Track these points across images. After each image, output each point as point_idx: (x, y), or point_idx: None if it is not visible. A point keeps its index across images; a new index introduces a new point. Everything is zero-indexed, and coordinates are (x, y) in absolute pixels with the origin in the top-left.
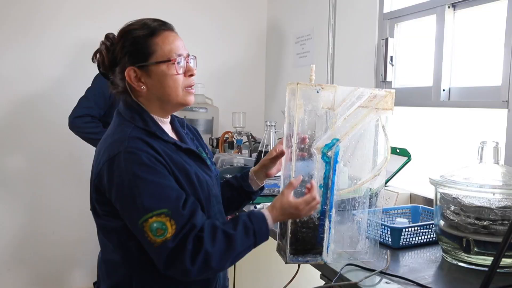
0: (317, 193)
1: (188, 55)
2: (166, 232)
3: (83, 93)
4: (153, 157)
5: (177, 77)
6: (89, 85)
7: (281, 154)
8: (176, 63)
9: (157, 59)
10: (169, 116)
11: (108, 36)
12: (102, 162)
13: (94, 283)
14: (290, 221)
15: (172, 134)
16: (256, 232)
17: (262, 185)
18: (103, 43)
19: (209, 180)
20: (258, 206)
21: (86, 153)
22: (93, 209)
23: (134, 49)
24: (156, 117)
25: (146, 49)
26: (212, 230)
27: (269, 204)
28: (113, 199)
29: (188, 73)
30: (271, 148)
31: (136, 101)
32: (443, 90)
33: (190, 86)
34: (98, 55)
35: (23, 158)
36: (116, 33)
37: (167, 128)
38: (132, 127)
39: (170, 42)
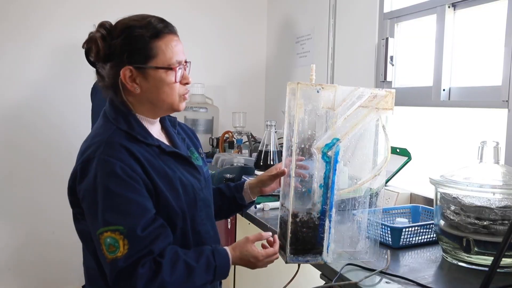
0: (277, 249)
1: (186, 62)
2: (117, 251)
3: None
4: (128, 166)
5: (174, 85)
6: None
7: (282, 173)
8: (175, 71)
9: (157, 64)
10: (158, 118)
11: (103, 25)
12: (77, 164)
13: (83, 286)
14: (290, 220)
15: (160, 135)
16: (217, 270)
17: (254, 199)
18: (97, 31)
19: (195, 184)
20: (258, 206)
21: None
22: (73, 216)
23: (135, 48)
24: (143, 118)
25: (148, 51)
26: (173, 257)
27: (270, 203)
28: (80, 201)
29: (184, 81)
30: (271, 149)
31: (123, 101)
32: (443, 90)
33: (185, 94)
34: (90, 43)
35: (23, 158)
36: (112, 23)
37: (156, 128)
38: (114, 129)
39: (172, 48)
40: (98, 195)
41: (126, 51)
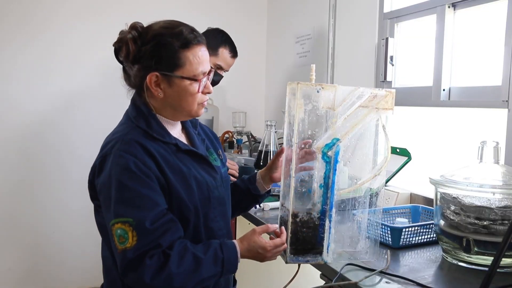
0: (285, 239)
1: (210, 71)
2: (126, 242)
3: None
4: (142, 162)
5: (196, 95)
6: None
7: (281, 151)
8: (200, 82)
9: (184, 73)
10: (179, 120)
11: (135, 27)
12: (96, 159)
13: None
14: (290, 220)
15: (181, 135)
16: (225, 262)
17: (269, 189)
18: (129, 32)
19: (210, 182)
20: (257, 206)
21: (87, 153)
22: (94, 208)
23: (163, 56)
24: (164, 119)
25: (176, 60)
26: (182, 250)
27: (270, 203)
28: (97, 194)
29: (206, 90)
30: (271, 149)
31: (146, 102)
32: (443, 90)
33: (204, 102)
34: (121, 43)
35: (24, 158)
36: (144, 26)
37: (176, 129)
38: (132, 127)
39: (199, 59)
40: (112, 189)
41: (155, 57)
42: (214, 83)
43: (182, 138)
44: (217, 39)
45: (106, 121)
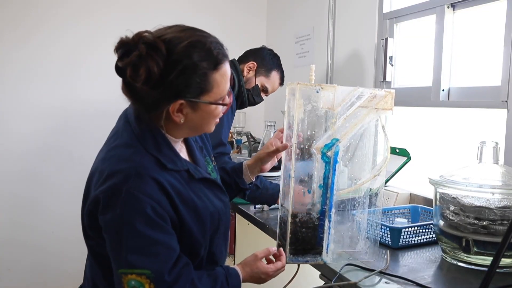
0: (285, 261)
1: (230, 96)
2: None
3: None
4: (158, 204)
5: (219, 116)
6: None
7: (284, 147)
8: (228, 105)
9: (211, 98)
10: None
11: (152, 44)
12: (100, 190)
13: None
14: (289, 220)
15: (182, 147)
16: None
17: (253, 180)
18: (145, 50)
19: (221, 209)
20: (257, 206)
21: (87, 153)
22: (84, 232)
23: (193, 82)
24: (172, 138)
25: (204, 85)
26: None
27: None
28: (102, 229)
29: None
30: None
31: (151, 120)
32: (443, 90)
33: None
34: (138, 64)
35: (23, 158)
36: (159, 41)
37: (178, 144)
38: (143, 153)
39: (226, 78)
40: (124, 234)
41: (182, 84)
42: (254, 103)
43: (183, 151)
44: (273, 62)
45: (104, 122)
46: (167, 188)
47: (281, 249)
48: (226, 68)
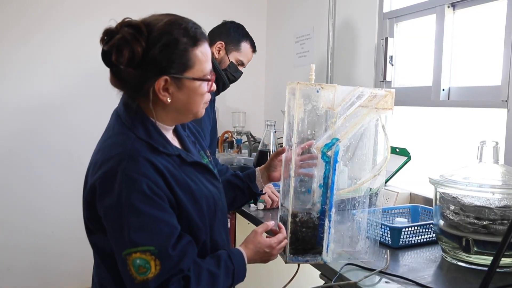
0: (285, 233)
1: (212, 73)
2: (148, 272)
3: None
4: (154, 183)
5: (205, 95)
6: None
7: (282, 151)
8: (212, 81)
9: (194, 74)
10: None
11: (133, 24)
12: (96, 177)
13: None
14: (290, 220)
15: (173, 139)
16: (235, 272)
17: (264, 187)
18: (128, 32)
19: (216, 194)
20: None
21: (86, 153)
22: (86, 227)
23: (175, 58)
24: (161, 125)
25: (186, 61)
26: (196, 269)
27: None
28: (102, 218)
29: (212, 89)
30: (271, 149)
31: (142, 107)
32: (443, 89)
33: (208, 100)
34: (121, 46)
35: (23, 158)
36: (140, 23)
37: (170, 134)
38: (133, 139)
39: (207, 56)
40: (124, 214)
41: (165, 59)
42: (234, 79)
43: (175, 142)
44: (239, 33)
45: (105, 122)
46: (161, 169)
47: (280, 223)
48: (206, 47)
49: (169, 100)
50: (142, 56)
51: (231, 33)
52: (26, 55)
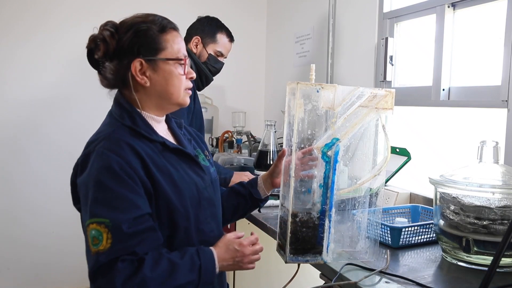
0: (257, 236)
1: (186, 58)
2: (100, 244)
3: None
4: (126, 163)
5: (182, 77)
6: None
7: (283, 154)
8: (185, 63)
9: (167, 56)
10: (164, 115)
11: (108, 24)
12: (79, 158)
13: None
14: (290, 220)
15: (167, 134)
16: (202, 269)
17: (269, 194)
18: (104, 29)
19: (199, 182)
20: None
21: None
22: (78, 210)
23: (144, 41)
24: (149, 115)
25: (157, 44)
26: (157, 255)
27: (276, 201)
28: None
29: (189, 75)
30: (271, 149)
31: (129, 100)
32: (443, 89)
33: (190, 88)
34: (98, 42)
35: (23, 158)
36: (114, 22)
37: (161, 127)
38: (118, 126)
39: (178, 42)
40: (90, 188)
41: (136, 44)
42: (216, 71)
43: (169, 137)
44: (213, 26)
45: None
46: (141, 153)
47: (253, 231)
48: (176, 35)
49: (147, 84)
50: (116, 47)
51: (206, 27)
52: (28, 53)
